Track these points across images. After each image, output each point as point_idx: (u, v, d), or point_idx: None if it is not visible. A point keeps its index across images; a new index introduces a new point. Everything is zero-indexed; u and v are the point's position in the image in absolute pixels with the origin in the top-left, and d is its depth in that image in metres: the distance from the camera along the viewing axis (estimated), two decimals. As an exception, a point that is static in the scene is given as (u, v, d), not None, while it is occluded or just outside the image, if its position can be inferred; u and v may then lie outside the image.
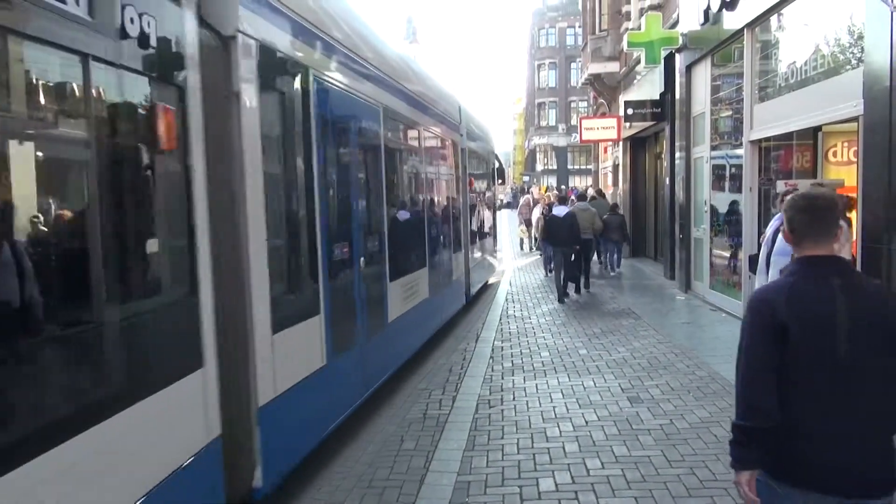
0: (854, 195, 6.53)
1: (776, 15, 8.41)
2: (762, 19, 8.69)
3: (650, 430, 5.22)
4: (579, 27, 38.84)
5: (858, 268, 6.29)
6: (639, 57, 14.35)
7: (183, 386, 3.05)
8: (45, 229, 2.44)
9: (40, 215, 2.42)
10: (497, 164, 15.75)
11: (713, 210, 10.83)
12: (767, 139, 8.90)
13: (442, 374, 7.02)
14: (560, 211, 11.72)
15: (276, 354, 3.91)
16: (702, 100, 11.48)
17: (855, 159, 7.01)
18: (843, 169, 7.99)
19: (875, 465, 2.18)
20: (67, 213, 2.59)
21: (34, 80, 2.43)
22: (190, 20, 3.19)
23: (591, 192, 18.44)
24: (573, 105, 54.71)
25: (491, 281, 13.86)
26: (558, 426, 5.38)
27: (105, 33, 2.65)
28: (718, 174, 10.93)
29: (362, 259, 5.59)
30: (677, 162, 12.69)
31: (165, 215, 3.16)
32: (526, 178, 59.90)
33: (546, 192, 26.49)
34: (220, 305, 3.39)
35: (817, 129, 7.93)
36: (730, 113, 10.56)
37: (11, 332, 2.23)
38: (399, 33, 62.98)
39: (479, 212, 12.55)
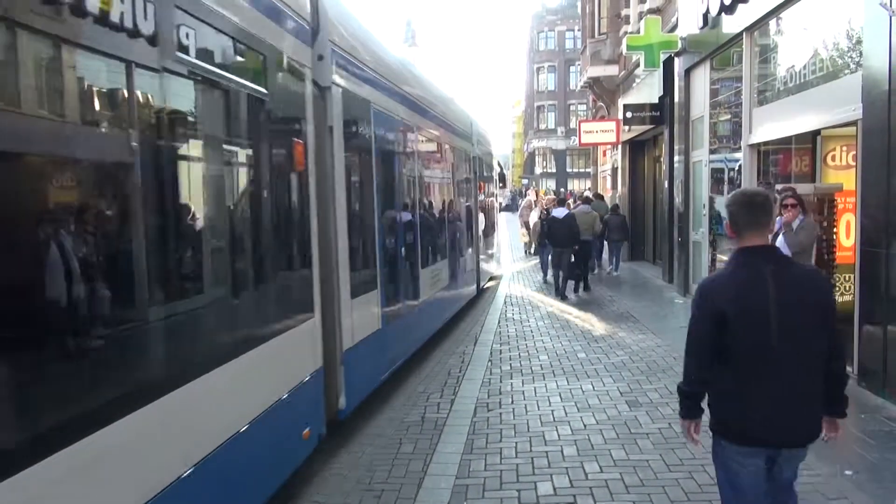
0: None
1: (775, 19, 8.43)
2: (761, 23, 8.71)
3: (649, 433, 5.21)
4: (578, 30, 38.93)
5: (857, 271, 6.31)
6: (638, 60, 14.37)
7: (304, 327, 4.47)
8: (247, 222, 3.89)
9: (248, 211, 3.91)
10: (499, 170, 17.23)
11: (712, 213, 10.84)
12: (766, 143, 8.91)
13: (440, 377, 7.01)
14: (559, 213, 12.20)
15: (353, 315, 5.35)
16: (701, 103, 11.49)
17: (854, 163, 7.01)
18: (842, 173, 7.99)
19: (800, 422, 2.66)
20: (250, 210, 3.95)
21: (246, 126, 3.89)
22: (308, 79, 4.69)
23: (587, 194, 18.87)
24: (572, 108, 54.77)
25: (494, 275, 14.50)
26: (557, 430, 5.37)
27: (273, 94, 4.08)
28: (717, 178, 10.94)
29: (403, 250, 7.01)
30: (676, 165, 12.70)
31: (300, 212, 4.52)
32: (525, 181, 59.94)
33: (544, 194, 26.51)
34: (323, 277, 4.79)
35: (816, 132, 7.94)
36: (729, 117, 10.57)
37: (218, 292, 3.52)
38: (398, 36, 62.96)
39: (486, 213, 13.75)
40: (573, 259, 12.10)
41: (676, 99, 12.61)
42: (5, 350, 2.07)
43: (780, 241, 6.56)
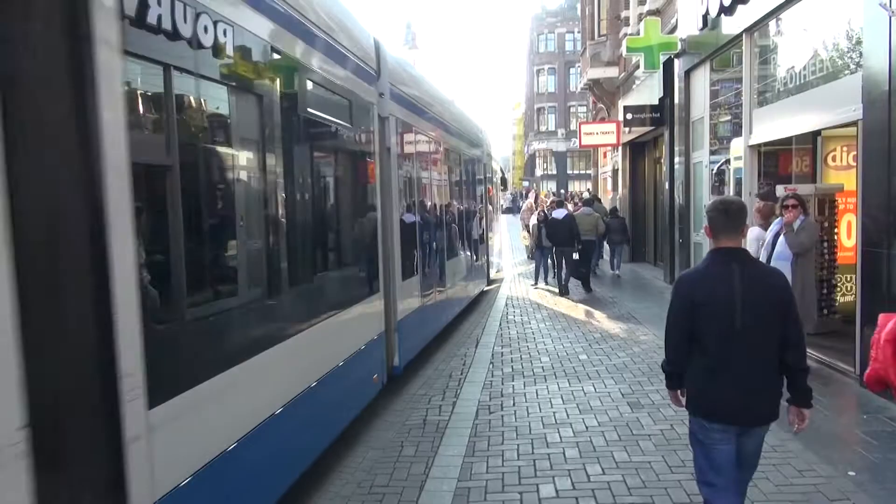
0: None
1: (775, 20, 8.43)
2: (761, 24, 8.71)
3: (651, 435, 5.20)
4: (578, 32, 38.94)
5: (859, 271, 6.30)
6: (638, 62, 14.38)
7: (375, 298, 6.02)
8: (350, 220, 5.70)
9: (350, 212, 5.76)
10: (501, 174, 18.86)
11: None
12: (767, 144, 8.91)
13: (442, 380, 7.01)
14: (559, 213, 12.66)
15: (401, 293, 6.80)
16: (701, 105, 11.50)
17: (854, 163, 7.02)
18: (843, 173, 8.00)
19: (761, 402, 3.02)
20: (352, 212, 5.83)
21: (342, 150, 5.61)
22: (375, 112, 6.21)
23: (585, 196, 19.08)
24: (572, 110, 54.80)
25: (493, 276, 14.81)
26: (558, 432, 5.36)
27: (355, 125, 5.68)
28: (718, 179, 10.94)
29: (435, 244, 8.64)
30: (676, 167, 12.71)
31: (373, 214, 6.14)
32: (526, 183, 59.94)
33: (545, 196, 26.51)
34: (385, 263, 6.32)
35: (816, 133, 7.94)
36: (729, 118, 10.57)
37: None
38: (398, 38, 63.05)
39: (492, 213, 15.33)
40: (576, 258, 12.66)
41: (676, 100, 12.62)
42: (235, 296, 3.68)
43: (780, 242, 6.57)
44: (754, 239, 6.98)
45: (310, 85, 4.67)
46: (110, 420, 2.42)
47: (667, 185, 13.54)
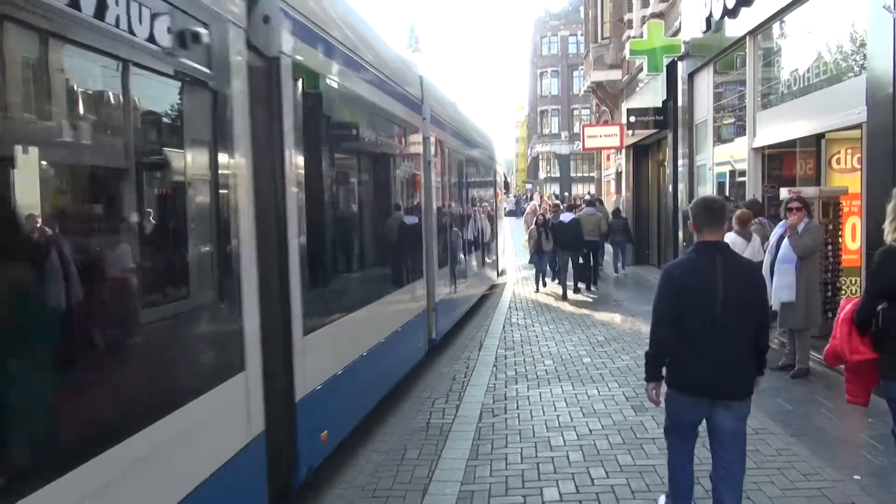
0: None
1: (778, 23, 8.43)
2: (764, 27, 8.71)
3: (654, 438, 5.18)
4: (581, 35, 38.96)
5: (863, 274, 6.28)
6: (641, 65, 14.38)
7: (421, 282, 7.45)
8: (409, 219, 7.16)
9: (411, 212, 7.32)
10: (505, 179, 20.41)
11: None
12: (771, 146, 8.90)
13: (445, 383, 7.00)
14: (566, 217, 13.00)
15: (438, 281, 8.21)
16: (704, 107, 11.49)
17: (859, 166, 7.00)
18: (847, 176, 7.97)
19: (739, 377, 3.36)
20: (413, 212, 7.41)
21: (401, 166, 7.08)
22: (421, 134, 7.72)
23: (587, 198, 19.28)
24: (576, 113, 54.80)
25: (497, 279, 15.04)
26: (562, 435, 5.35)
27: (407, 146, 7.22)
28: (721, 181, 10.92)
29: (459, 240, 10.04)
30: (680, 169, 12.69)
31: (421, 214, 7.66)
32: (529, 186, 59.94)
33: (548, 198, 26.50)
34: (426, 253, 7.74)
35: (820, 136, 7.92)
36: (732, 120, 10.56)
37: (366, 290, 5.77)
38: (402, 41, 63.14)
39: (499, 215, 16.64)
40: (581, 260, 13.26)
41: (680, 103, 12.61)
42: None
43: (785, 245, 6.55)
44: (729, 244, 7.00)
45: (387, 119, 6.36)
46: (286, 342, 3.91)
47: (670, 188, 13.52)
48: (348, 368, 4.90)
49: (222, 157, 3.15)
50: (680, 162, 12.69)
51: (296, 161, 4.03)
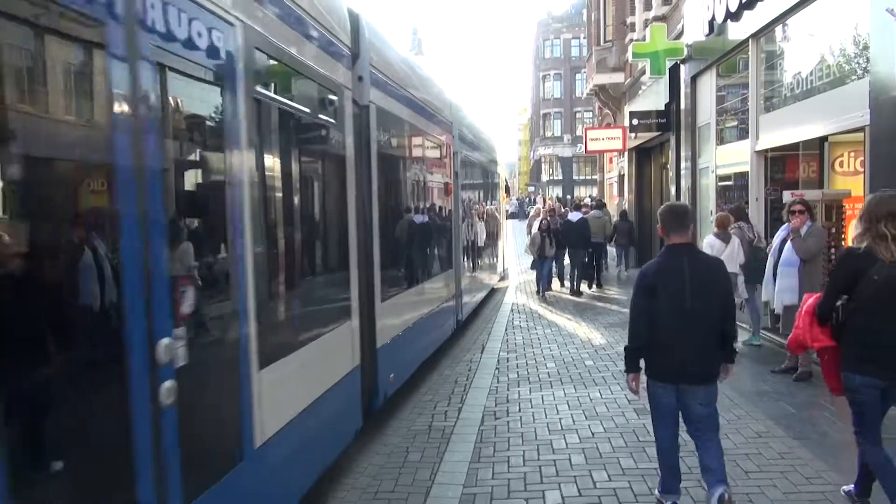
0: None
1: (781, 25, 8.42)
2: (767, 30, 8.71)
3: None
4: (584, 38, 38.97)
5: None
6: (644, 67, 14.37)
7: (452, 271, 9.10)
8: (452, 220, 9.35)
9: (456, 216, 9.61)
10: (506, 183, 21.38)
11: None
12: (774, 149, 8.89)
13: (447, 386, 7.00)
14: (574, 216, 13.72)
15: (463, 272, 9.82)
16: (707, 110, 11.48)
17: (862, 169, 6.99)
18: (850, 179, 7.96)
19: (704, 366, 3.78)
20: (457, 216, 9.74)
21: (437, 178, 8.73)
22: (451, 150, 9.34)
23: (586, 201, 19.63)
24: (578, 115, 54.83)
25: (498, 284, 15.11)
26: (564, 438, 5.35)
27: (440, 164, 8.89)
28: (724, 184, 10.91)
29: (472, 241, 11.27)
30: (683, 172, 12.68)
31: (453, 218, 9.35)
32: (531, 189, 59.94)
33: (550, 200, 26.49)
34: (456, 248, 9.37)
35: (823, 139, 7.91)
36: (735, 123, 10.55)
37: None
38: (405, 44, 63.25)
39: (502, 219, 17.71)
40: (586, 260, 13.80)
41: (682, 106, 12.61)
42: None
43: (788, 248, 6.55)
44: (707, 246, 7.70)
45: (432, 141, 8.11)
46: (370, 306, 5.45)
47: (673, 191, 13.51)
48: (406, 331, 6.56)
49: (345, 175, 4.79)
50: (682, 165, 12.68)
51: (379, 176, 5.69)
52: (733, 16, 9.19)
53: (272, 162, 3.65)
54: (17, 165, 2.08)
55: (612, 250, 16.50)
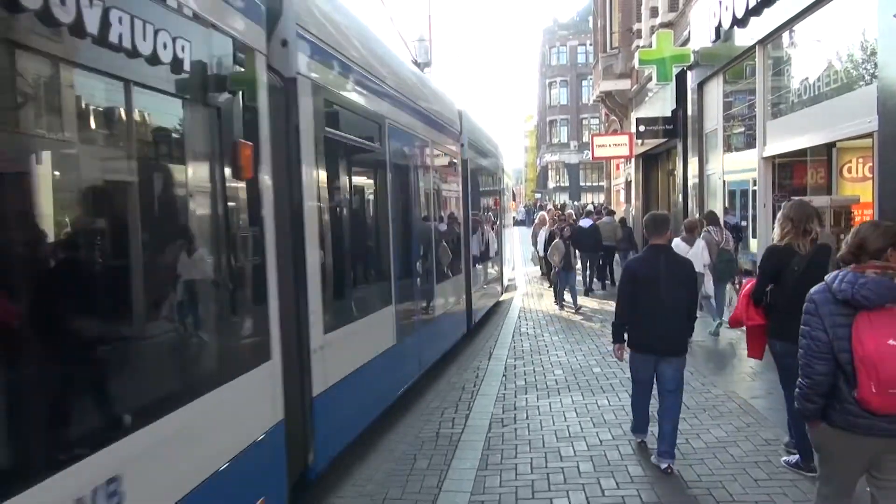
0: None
1: (788, 32, 8.41)
2: (774, 36, 8.70)
3: (666, 449, 5.15)
4: (590, 45, 39.00)
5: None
6: (650, 74, 14.38)
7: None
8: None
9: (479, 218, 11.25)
10: (513, 192, 23.09)
11: (727, 225, 10.76)
12: (781, 155, 8.86)
13: (455, 393, 6.99)
14: (585, 223, 14.20)
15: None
16: (714, 116, 11.47)
17: (870, 175, 6.96)
18: (859, 185, 7.93)
19: (675, 340, 4.77)
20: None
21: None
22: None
23: (589, 208, 20.07)
24: (585, 122, 54.82)
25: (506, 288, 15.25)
26: (572, 445, 5.33)
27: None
28: (732, 191, 10.88)
29: (481, 244, 11.50)
30: (690, 178, 12.65)
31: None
32: (538, 195, 59.91)
33: (557, 208, 26.49)
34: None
35: (831, 145, 7.89)
36: (742, 129, 10.53)
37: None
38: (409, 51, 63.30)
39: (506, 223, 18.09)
40: (601, 262, 14.72)
41: (689, 112, 12.60)
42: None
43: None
44: (674, 248, 8.31)
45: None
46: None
47: (680, 197, 13.48)
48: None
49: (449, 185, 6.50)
50: (690, 171, 12.65)
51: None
52: (740, 22, 9.19)
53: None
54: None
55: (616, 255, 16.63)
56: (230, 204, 3.36)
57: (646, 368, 4.86)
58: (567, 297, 12.41)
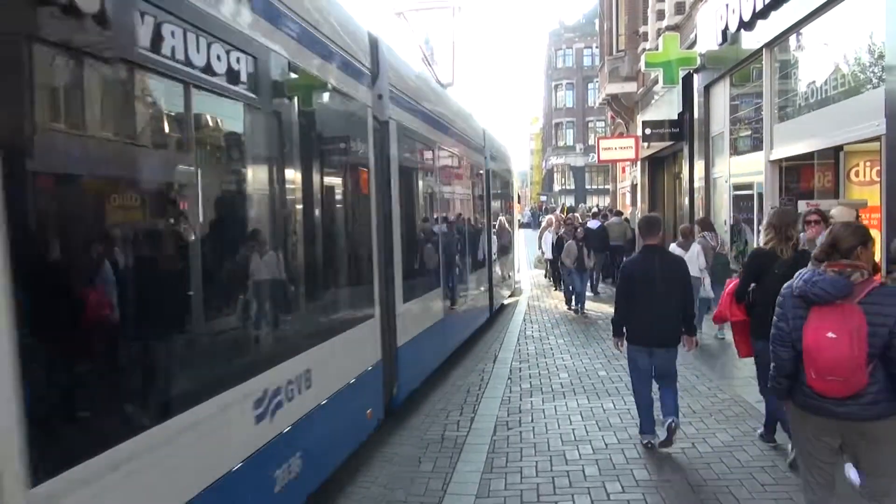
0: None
1: (795, 35, 8.39)
2: (781, 39, 8.67)
3: (671, 453, 5.14)
4: (596, 48, 39.00)
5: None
6: (656, 77, 14.35)
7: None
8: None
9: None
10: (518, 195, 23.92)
11: (734, 230, 10.73)
12: (788, 158, 8.83)
13: (460, 395, 6.98)
14: (594, 224, 14.85)
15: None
16: (721, 119, 11.44)
17: (878, 178, 6.93)
18: (866, 189, 7.88)
19: (668, 333, 5.20)
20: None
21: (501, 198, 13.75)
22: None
23: (595, 210, 20.66)
24: (590, 125, 54.74)
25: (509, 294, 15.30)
26: (578, 449, 5.31)
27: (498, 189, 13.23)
28: (738, 194, 10.85)
29: (499, 242, 12.88)
30: (696, 182, 12.62)
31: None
32: (543, 198, 59.85)
33: (564, 211, 26.43)
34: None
35: (839, 148, 7.85)
36: (749, 133, 10.50)
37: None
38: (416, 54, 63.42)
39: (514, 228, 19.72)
40: (611, 261, 15.19)
41: (696, 115, 12.56)
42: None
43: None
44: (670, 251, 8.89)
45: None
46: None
47: (686, 200, 13.45)
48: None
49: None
50: (696, 174, 12.62)
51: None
52: (747, 25, 9.17)
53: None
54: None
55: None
56: (356, 211, 5.14)
57: (642, 358, 5.26)
58: (574, 300, 12.29)
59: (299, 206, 4.10)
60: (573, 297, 12.30)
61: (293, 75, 3.92)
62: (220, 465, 3.04)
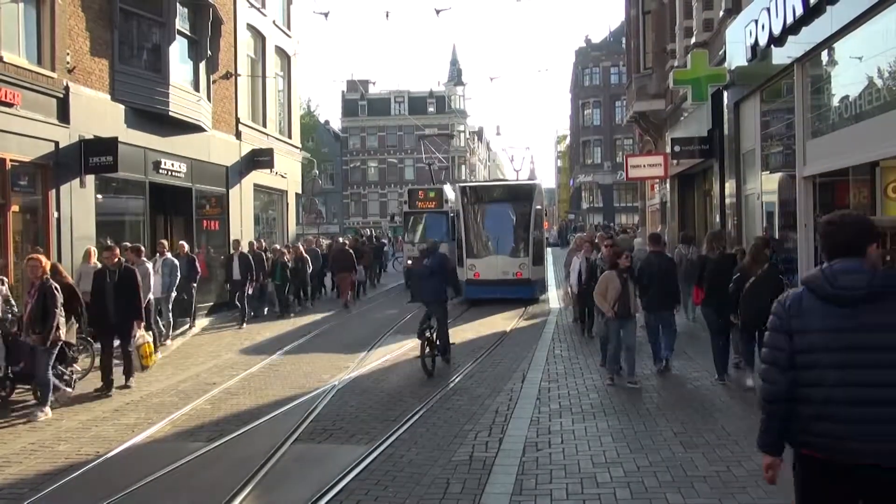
0: None
1: (826, 50, 8.27)
2: (812, 54, 8.56)
3: (706, 476, 5.02)
4: (623, 66, 38.91)
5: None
6: (685, 94, 14.25)
7: (541, 265, 18.91)
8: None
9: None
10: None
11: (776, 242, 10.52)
12: (822, 175, 8.67)
13: (488, 416, 6.93)
14: (641, 246, 15.58)
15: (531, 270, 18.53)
16: (751, 136, 11.29)
17: (916, 195, 6.76)
18: (904, 205, 7.69)
19: (666, 303, 8.87)
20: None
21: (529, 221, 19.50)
22: (534, 205, 18.43)
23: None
24: (618, 142, 54.50)
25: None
26: (609, 471, 5.22)
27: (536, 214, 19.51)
28: (771, 211, 10.67)
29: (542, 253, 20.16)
30: (727, 199, 12.46)
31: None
32: (571, 216, 59.58)
33: (595, 233, 26.28)
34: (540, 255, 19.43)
35: (875, 164, 7.69)
36: (781, 149, 10.35)
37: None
38: (443, 76, 64.15)
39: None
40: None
41: (726, 132, 12.43)
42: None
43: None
44: (676, 255, 12.24)
45: (532, 207, 17.87)
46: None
47: (717, 218, 13.27)
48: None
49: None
50: (727, 191, 12.46)
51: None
52: (777, 41, 9.07)
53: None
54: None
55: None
56: (539, 232, 17.61)
57: (654, 321, 8.77)
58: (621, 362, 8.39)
59: None
60: (615, 356, 8.27)
61: None
62: None
